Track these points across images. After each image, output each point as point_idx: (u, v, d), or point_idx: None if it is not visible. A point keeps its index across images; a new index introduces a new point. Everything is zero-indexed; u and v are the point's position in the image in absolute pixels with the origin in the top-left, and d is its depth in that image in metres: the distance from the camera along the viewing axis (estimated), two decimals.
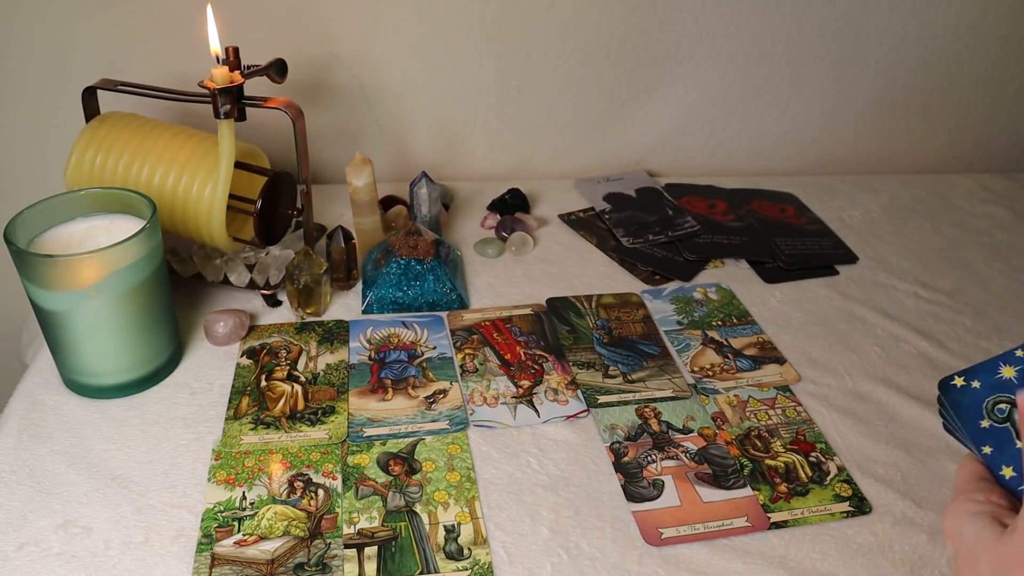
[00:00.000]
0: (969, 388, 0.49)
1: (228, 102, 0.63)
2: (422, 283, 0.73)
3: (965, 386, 0.50)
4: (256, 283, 0.73)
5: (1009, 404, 0.48)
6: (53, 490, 0.54)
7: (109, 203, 0.62)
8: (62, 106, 0.83)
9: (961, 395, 0.50)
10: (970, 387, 0.49)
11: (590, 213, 0.91)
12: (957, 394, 0.50)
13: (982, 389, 0.49)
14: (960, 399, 0.50)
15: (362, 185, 0.75)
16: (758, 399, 0.65)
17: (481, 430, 0.61)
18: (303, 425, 0.60)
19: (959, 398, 0.50)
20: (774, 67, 0.95)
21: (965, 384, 0.50)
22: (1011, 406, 0.48)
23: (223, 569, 0.50)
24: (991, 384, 0.49)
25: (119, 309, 0.58)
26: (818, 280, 0.81)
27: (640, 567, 0.51)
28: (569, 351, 0.69)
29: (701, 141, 1.00)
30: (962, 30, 0.95)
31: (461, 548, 0.52)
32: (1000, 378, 0.49)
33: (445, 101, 0.92)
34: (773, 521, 0.55)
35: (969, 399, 0.49)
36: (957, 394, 0.50)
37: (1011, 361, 0.49)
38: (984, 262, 0.86)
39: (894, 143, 1.04)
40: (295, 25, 0.85)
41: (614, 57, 0.92)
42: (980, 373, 0.50)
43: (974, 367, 0.50)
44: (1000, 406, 0.48)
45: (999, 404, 0.48)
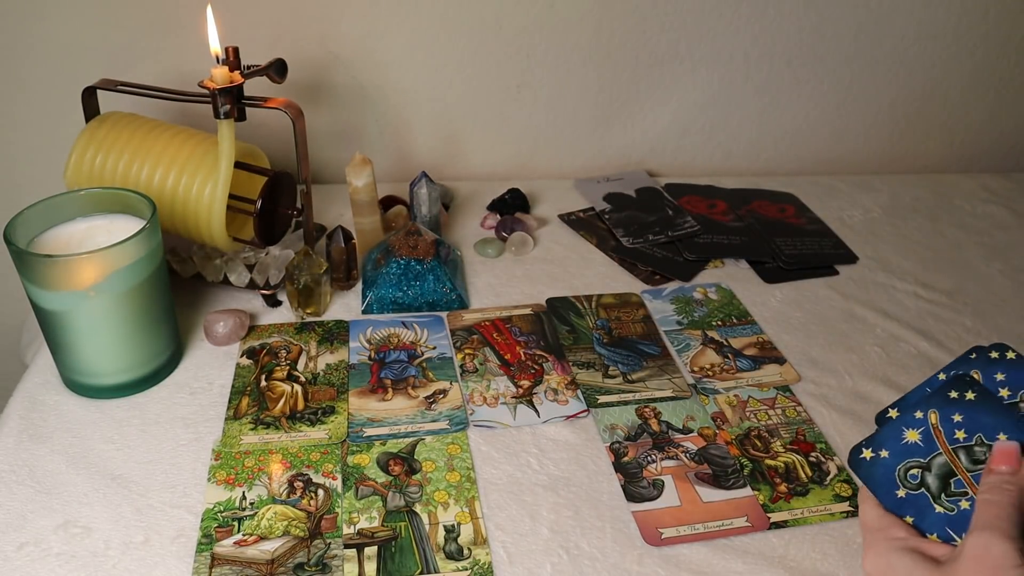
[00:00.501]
0: (878, 459, 0.50)
1: (228, 102, 0.63)
2: (422, 283, 0.73)
3: (875, 457, 0.50)
4: (256, 283, 0.73)
5: (920, 469, 0.48)
6: (53, 490, 0.54)
7: (109, 203, 0.62)
8: (62, 106, 0.83)
9: (872, 467, 0.50)
10: (879, 457, 0.50)
11: (590, 213, 0.91)
12: (868, 467, 0.50)
13: (891, 457, 0.49)
14: (871, 471, 0.50)
15: (362, 185, 0.75)
16: (758, 399, 0.65)
17: (481, 430, 0.61)
18: (303, 425, 0.60)
19: (871, 470, 0.50)
20: (774, 67, 0.95)
21: (874, 455, 0.50)
22: (923, 470, 0.48)
23: (223, 569, 0.50)
24: (898, 451, 0.49)
25: (119, 309, 0.58)
26: (818, 280, 0.81)
27: (640, 567, 0.51)
28: (569, 351, 0.69)
29: (701, 141, 1.00)
30: (962, 30, 0.95)
31: (461, 548, 0.52)
32: (906, 443, 0.49)
33: (445, 101, 0.92)
34: (773, 521, 0.55)
35: (881, 470, 0.49)
36: (868, 467, 0.50)
37: (912, 425, 0.49)
38: (984, 262, 0.86)
39: (894, 143, 1.04)
40: (295, 25, 0.85)
41: (614, 57, 0.92)
42: (887, 442, 0.50)
43: (878, 436, 0.51)
44: (912, 472, 0.48)
45: (910, 471, 0.48)
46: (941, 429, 0.48)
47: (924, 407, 0.50)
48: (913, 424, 0.49)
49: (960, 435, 0.48)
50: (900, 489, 0.49)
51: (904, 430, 0.50)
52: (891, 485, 0.49)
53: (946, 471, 0.47)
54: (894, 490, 0.49)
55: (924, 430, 0.49)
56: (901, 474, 0.49)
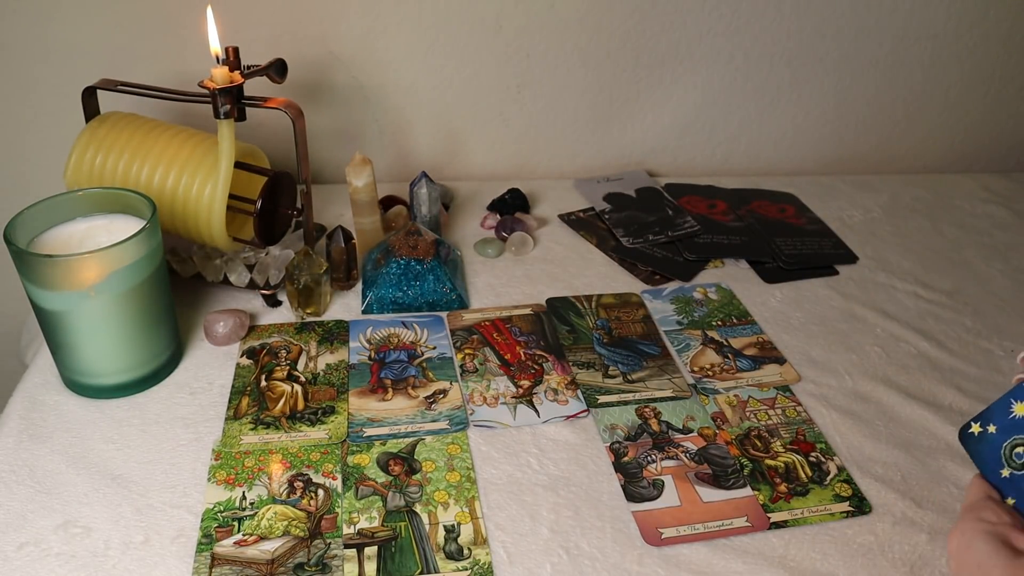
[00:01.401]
0: (986, 435, 0.47)
1: (228, 102, 0.63)
2: (422, 283, 0.73)
3: (983, 432, 0.47)
4: (256, 283, 0.73)
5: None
6: (53, 490, 0.54)
7: (109, 203, 0.62)
8: (62, 106, 0.83)
9: (979, 444, 0.48)
10: (987, 433, 0.47)
11: (590, 213, 0.91)
12: (975, 443, 0.48)
13: (998, 433, 0.47)
14: (979, 448, 0.48)
15: (362, 185, 0.75)
16: (758, 399, 0.65)
17: (481, 430, 0.61)
18: (303, 425, 0.60)
19: (978, 447, 0.48)
20: (774, 67, 0.95)
21: (982, 431, 0.48)
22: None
23: (223, 569, 0.50)
24: (1006, 426, 0.46)
25: (119, 309, 0.58)
26: (818, 280, 0.81)
27: (640, 567, 0.51)
28: (569, 351, 0.69)
29: (701, 141, 1.00)
30: (962, 30, 0.95)
31: (461, 548, 0.52)
32: (1014, 418, 0.46)
33: (445, 101, 0.92)
34: (773, 521, 0.55)
35: (987, 447, 0.47)
36: (975, 443, 0.48)
37: (1020, 396, 0.46)
38: (984, 262, 0.86)
39: (894, 143, 1.04)
40: (295, 25, 0.85)
41: (614, 57, 0.92)
42: (995, 415, 0.47)
43: (988, 409, 0.48)
44: (1018, 450, 0.46)
45: (1016, 448, 0.46)
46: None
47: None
48: (1021, 396, 0.46)
49: None
50: (1005, 468, 0.46)
51: (1012, 403, 0.47)
52: (997, 463, 0.47)
53: None
54: (999, 469, 0.46)
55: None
56: (1007, 452, 0.46)
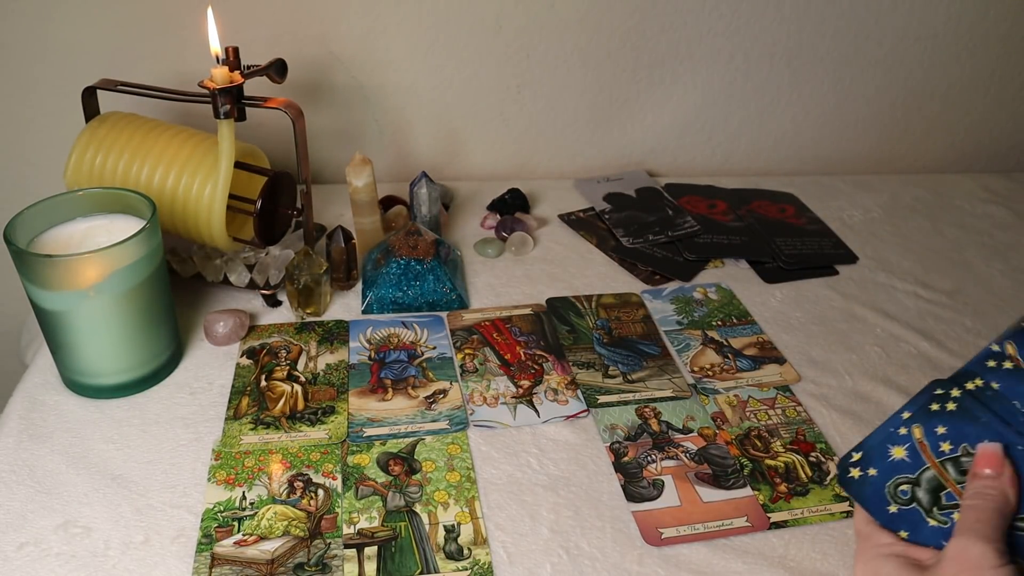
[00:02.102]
0: (867, 477, 0.49)
1: (228, 102, 0.63)
2: (422, 283, 0.73)
3: (863, 476, 0.50)
4: (256, 283, 0.73)
5: (910, 484, 0.48)
6: (53, 490, 0.54)
7: (109, 203, 0.62)
8: (62, 106, 0.83)
9: (862, 486, 0.50)
10: (867, 476, 0.49)
11: (590, 213, 0.91)
12: (858, 486, 0.50)
13: (880, 475, 0.49)
14: (862, 490, 0.50)
15: (362, 185, 0.75)
16: (758, 399, 0.65)
17: (481, 430, 0.61)
18: (303, 425, 0.60)
19: (860, 489, 0.50)
20: (774, 67, 0.95)
21: (863, 474, 0.50)
22: (912, 485, 0.48)
23: (223, 569, 0.50)
24: (886, 468, 0.49)
25: (119, 309, 0.58)
26: (818, 280, 0.81)
27: (640, 567, 0.51)
28: (569, 351, 0.69)
29: (701, 141, 1.00)
30: (962, 30, 0.95)
31: (461, 548, 0.52)
32: (892, 461, 0.49)
33: (445, 101, 0.92)
34: (773, 521, 0.55)
35: (870, 488, 0.49)
36: (858, 486, 0.50)
37: (897, 441, 0.49)
38: (984, 262, 0.86)
39: (894, 143, 1.04)
40: (295, 25, 0.85)
41: (614, 57, 0.92)
42: (874, 460, 0.50)
43: (864, 455, 0.50)
44: (902, 488, 0.48)
45: (900, 487, 0.48)
46: (926, 443, 0.48)
47: (907, 423, 0.49)
48: (898, 440, 0.49)
49: (946, 447, 0.47)
50: (892, 505, 0.48)
51: (889, 447, 0.49)
52: (882, 502, 0.49)
53: (935, 485, 0.47)
54: (886, 506, 0.49)
55: (909, 446, 0.48)
56: (891, 490, 0.49)
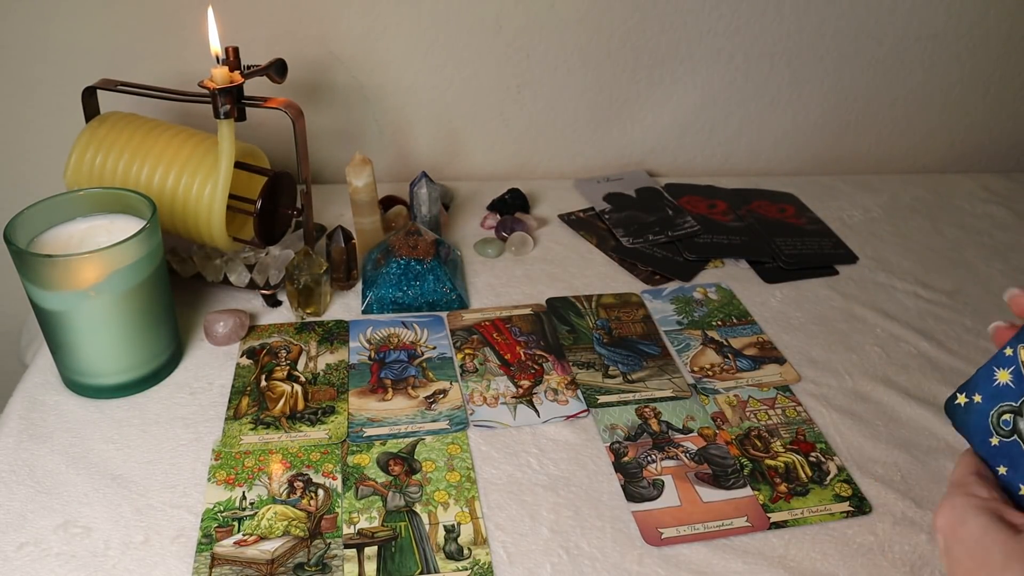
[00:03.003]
0: (972, 404, 0.47)
1: (228, 102, 0.63)
2: (422, 283, 0.73)
3: (968, 403, 0.47)
4: (256, 283, 0.73)
5: (1013, 413, 0.45)
6: (53, 490, 0.54)
7: (109, 203, 0.62)
8: (62, 106, 0.83)
9: (966, 414, 0.47)
10: (972, 403, 0.47)
11: (590, 213, 0.91)
12: (963, 414, 0.47)
13: (984, 402, 0.46)
14: (966, 419, 0.47)
15: (362, 185, 0.75)
16: (758, 399, 0.65)
17: (481, 430, 0.61)
18: (303, 425, 0.60)
19: (965, 418, 0.47)
20: (774, 67, 0.95)
21: (968, 401, 0.47)
22: (1015, 415, 0.45)
23: (223, 569, 0.50)
24: (991, 394, 0.46)
25: (119, 309, 0.58)
26: (818, 280, 0.81)
27: (640, 567, 0.51)
28: (569, 351, 0.69)
29: (701, 141, 1.00)
30: (962, 30, 0.95)
31: (461, 548, 0.52)
32: (998, 385, 0.46)
33: (445, 101, 0.92)
34: (773, 521, 0.55)
35: (974, 417, 0.47)
36: (963, 414, 0.47)
37: (1003, 363, 0.46)
38: (984, 262, 0.86)
39: (894, 143, 1.04)
40: (295, 25, 0.85)
41: (614, 57, 0.92)
42: (979, 385, 0.47)
43: (972, 379, 0.48)
44: (1004, 417, 0.45)
45: (1003, 416, 0.45)
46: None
47: (1014, 342, 0.45)
48: (1003, 362, 0.45)
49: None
50: (993, 436, 0.45)
51: (995, 370, 0.46)
52: (985, 432, 0.46)
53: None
54: (988, 438, 0.45)
55: (1015, 368, 0.45)
56: (994, 420, 0.46)
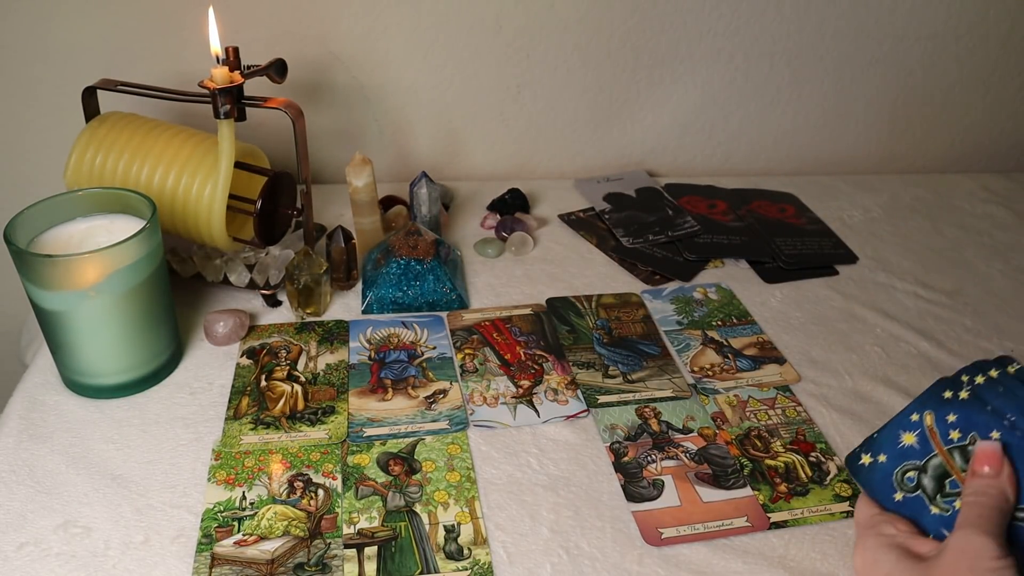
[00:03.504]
0: (876, 464, 0.50)
1: (228, 102, 0.63)
2: (422, 283, 0.73)
3: (872, 463, 0.50)
4: (256, 283, 0.73)
5: (917, 471, 0.48)
6: (53, 490, 0.54)
7: (109, 203, 0.62)
8: (62, 106, 0.83)
9: (871, 472, 0.50)
10: (877, 463, 0.50)
11: (590, 213, 0.91)
12: (867, 472, 0.50)
13: (888, 462, 0.50)
14: (870, 477, 0.50)
15: (362, 185, 0.75)
16: (758, 399, 0.65)
17: (481, 430, 0.61)
18: (303, 425, 0.60)
19: (869, 476, 0.50)
20: (774, 67, 0.95)
21: (872, 461, 0.50)
22: (919, 472, 0.48)
23: (223, 569, 0.50)
24: (895, 455, 0.49)
25: (119, 309, 0.58)
26: (818, 280, 0.81)
27: (640, 567, 0.51)
28: (569, 351, 0.69)
29: (701, 141, 1.00)
30: (962, 30, 0.95)
31: (461, 548, 0.52)
32: (902, 447, 0.49)
33: (445, 101, 0.92)
34: (773, 521, 0.55)
35: (878, 475, 0.50)
36: (867, 472, 0.50)
37: (907, 427, 0.49)
38: (984, 262, 0.86)
39: (894, 143, 1.04)
40: (295, 25, 0.85)
41: (614, 57, 0.92)
42: (884, 445, 0.50)
43: (875, 440, 0.51)
44: (909, 475, 0.49)
45: (907, 473, 0.49)
46: (936, 430, 0.49)
47: (919, 409, 0.49)
48: (909, 427, 0.49)
49: (955, 435, 0.48)
50: (898, 492, 0.49)
51: (900, 433, 0.50)
52: (889, 489, 0.49)
53: (941, 472, 0.48)
54: (892, 494, 0.49)
55: (920, 432, 0.49)
56: (898, 477, 0.49)
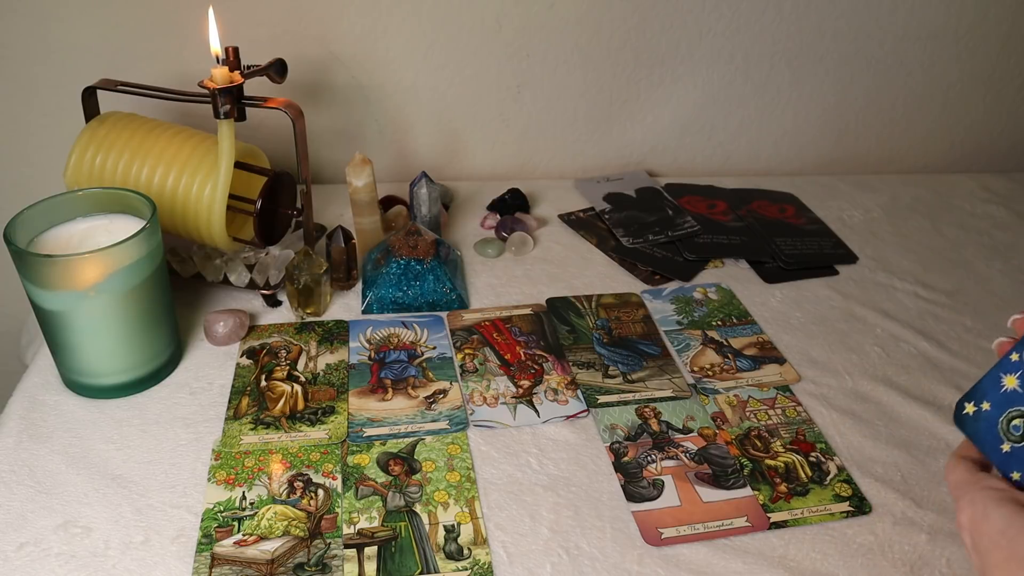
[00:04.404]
0: (981, 412, 0.46)
1: (228, 102, 0.63)
2: (422, 283, 0.73)
3: (977, 411, 0.47)
4: (256, 283, 0.73)
5: (1023, 418, 0.45)
6: (53, 490, 0.54)
7: (109, 203, 0.62)
8: (62, 106, 0.83)
9: (976, 423, 0.47)
10: (981, 411, 0.46)
11: (590, 213, 0.91)
12: (972, 423, 0.47)
13: (993, 409, 0.46)
14: (976, 427, 0.47)
15: (362, 185, 0.75)
16: (758, 399, 0.65)
17: (481, 430, 0.61)
18: (303, 425, 0.60)
19: (975, 426, 0.47)
20: (774, 67, 0.95)
21: (976, 409, 0.47)
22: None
23: (223, 569, 0.50)
24: (999, 401, 0.46)
25: (119, 309, 0.58)
26: (818, 280, 0.81)
27: (640, 567, 0.51)
28: (569, 351, 0.69)
29: (701, 141, 1.00)
30: (962, 30, 0.95)
31: (461, 548, 0.52)
32: (1005, 391, 0.45)
33: (445, 101, 0.92)
34: (773, 521, 0.55)
35: (984, 425, 0.46)
36: (972, 423, 0.47)
37: (1009, 369, 0.46)
38: (984, 262, 0.86)
39: (894, 143, 1.04)
40: (295, 25, 0.85)
41: (614, 57, 0.92)
42: (987, 392, 0.46)
43: (978, 387, 0.47)
44: (1015, 423, 0.45)
45: (1013, 421, 0.45)
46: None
47: (1020, 348, 0.45)
48: (1009, 368, 0.45)
49: None
50: (1005, 443, 0.45)
51: (1002, 376, 0.46)
52: (996, 440, 0.45)
53: None
54: (999, 444, 0.45)
55: (1022, 372, 0.45)
56: (1004, 427, 0.45)
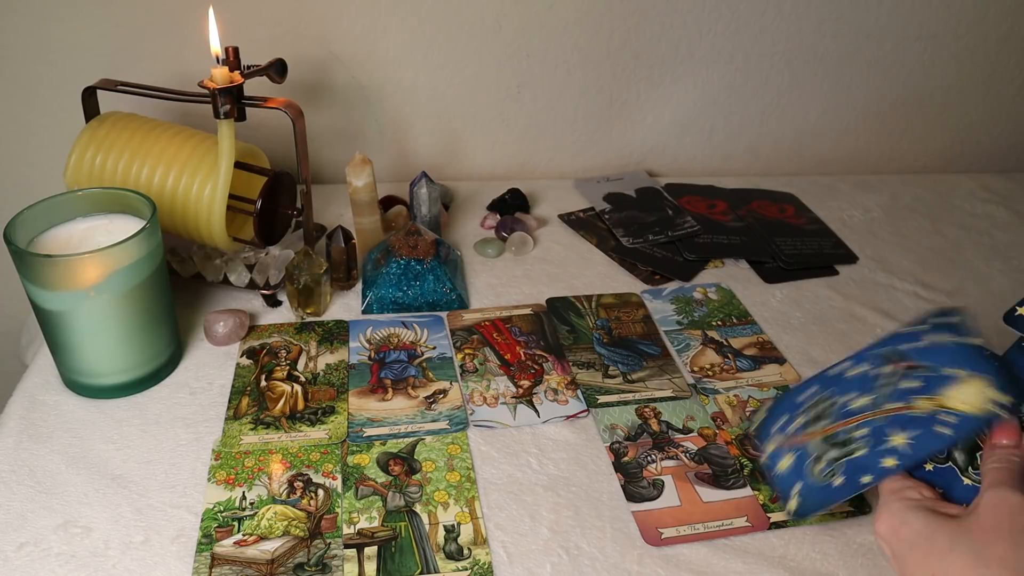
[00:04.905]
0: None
1: (228, 102, 0.63)
2: (422, 283, 0.73)
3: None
4: (256, 283, 0.73)
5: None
6: (53, 490, 0.54)
7: (109, 203, 0.62)
8: (62, 106, 0.83)
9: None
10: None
11: (590, 213, 0.91)
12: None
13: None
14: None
15: (362, 185, 0.75)
16: (758, 399, 0.65)
17: (481, 430, 0.61)
18: (303, 425, 0.60)
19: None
20: (774, 67, 0.95)
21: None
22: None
23: (223, 569, 0.50)
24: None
25: (119, 309, 0.58)
26: (818, 280, 0.81)
27: (640, 567, 0.51)
28: (569, 351, 0.69)
29: (701, 141, 1.00)
30: (962, 30, 0.95)
31: (461, 548, 0.52)
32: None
33: (445, 101, 0.92)
34: (773, 521, 0.55)
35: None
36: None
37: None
38: (984, 262, 0.86)
39: (894, 143, 1.04)
40: (295, 25, 0.85)
41: (614, 57, 0.92)
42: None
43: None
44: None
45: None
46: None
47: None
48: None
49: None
50: (928, 463, 0.49)
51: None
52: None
53: (973, 444, 0.48)
54: (923, 464, 0.49)
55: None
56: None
